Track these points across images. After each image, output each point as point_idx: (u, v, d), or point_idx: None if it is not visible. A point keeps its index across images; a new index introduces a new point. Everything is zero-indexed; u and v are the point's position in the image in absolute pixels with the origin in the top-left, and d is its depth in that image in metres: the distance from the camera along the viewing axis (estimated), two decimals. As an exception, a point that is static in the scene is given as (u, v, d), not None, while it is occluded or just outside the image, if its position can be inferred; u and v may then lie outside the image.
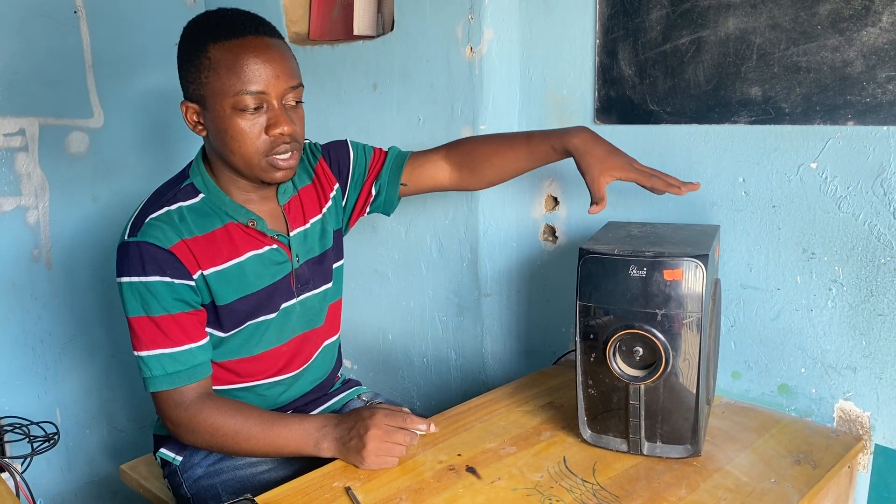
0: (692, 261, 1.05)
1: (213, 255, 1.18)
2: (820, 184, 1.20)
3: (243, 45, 1.10)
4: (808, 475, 1.07)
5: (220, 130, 1.13)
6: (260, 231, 1.22)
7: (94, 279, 2.10)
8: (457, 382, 1.81)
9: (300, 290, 1.29)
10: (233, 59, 1.09)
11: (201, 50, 1.11)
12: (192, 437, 1.17)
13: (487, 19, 1.54)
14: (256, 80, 1.09)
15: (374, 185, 1.39)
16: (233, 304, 1.20)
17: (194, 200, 1.20)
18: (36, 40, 1.92)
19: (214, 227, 1.19)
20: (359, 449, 1.10)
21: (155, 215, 1.15)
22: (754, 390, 1.33)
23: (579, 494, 1.04)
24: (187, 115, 1.17)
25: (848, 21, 1.13)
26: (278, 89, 1.12)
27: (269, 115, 1.12)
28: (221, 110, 1.11)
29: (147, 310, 1.13)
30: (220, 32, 1.10)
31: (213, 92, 1.11)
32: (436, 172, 1.39)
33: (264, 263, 1.23)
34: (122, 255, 1.14)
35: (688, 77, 1.31)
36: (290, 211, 1.28)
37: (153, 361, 1.14)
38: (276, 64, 1.11)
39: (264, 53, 1.10)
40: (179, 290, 1.15)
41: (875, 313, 1.17)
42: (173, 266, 1.14)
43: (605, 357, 1.10)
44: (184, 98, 1.17)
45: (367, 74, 1.80)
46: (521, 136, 1.33)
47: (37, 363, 2.03)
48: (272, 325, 1.26)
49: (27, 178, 1.94)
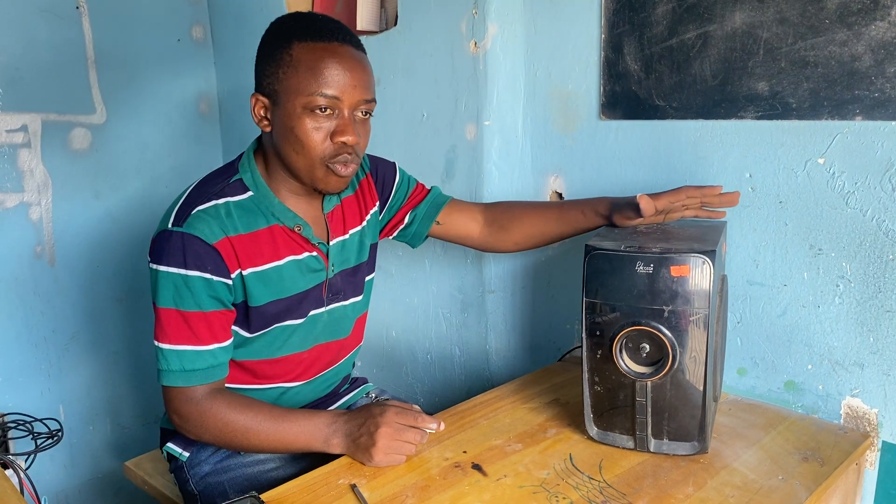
0: (699, 257, 1.04)
1: (254, 255, 1.16)
2: (827, 179, 1.19)
3: (328, 49, 1.11)
4: (816, 472, 1.07)
5: (286, 128, 1.12)
6: (304, 237, 1.21)
7: (98, 275, 2.10)
8: (461, 379, 1.80)
9: (330, 300, 1.28)
10: (315, 60, 1.09)
11: (285, 46, 1.11)
12: (199, 432, 1.15)
13: (491, 14, 1.53)
14: (333, 85, 1.10)
15: (410, 215, 1.40)
16: (264, 307, 1.19)
17: (242, 197, 1.18)
18: (38, 36, 1.92)
19: (259, 226, 1.18)
20: (368, 446, 1.09)
21: (202, 208, 1.13)
22: (761, 387, 1.32)
23: (586, 492, 1.03)
24: (255, 108, 1.16)
25: (856, 15, 1.12)
26: (353, 98, 1.12)
27: (338, 122, 1.12)
28: (293, 108, 1.11)
29: (179, 303, 1.12)
30: (308, 33, 1.11)
31: (288, 88, 1.11)
32: (469, 223, 1.42)
33: (301, 270, 1.22)
34: (164, 243, 1.12)
35: (694, 72, 1.30)
36: (333, 220, 1.27)
37: (173, 356, 1.13)
38: (355, 74, 1.11)
39: (347, 61, 1.11)
40: (216, 287, 1.13)
41: (883, 310, 1.16)
42: (215, 262, 1.12)
43: (612, 354, 1.09)
44: (255, 91, 1.17)
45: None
46: (556, 203, 1.39)
47: (40, 360, 2.03)
48: (298, 331, 1.25)
49: (30, 175, 1.94)
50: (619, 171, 1.45)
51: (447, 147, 1.66)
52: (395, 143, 1.77)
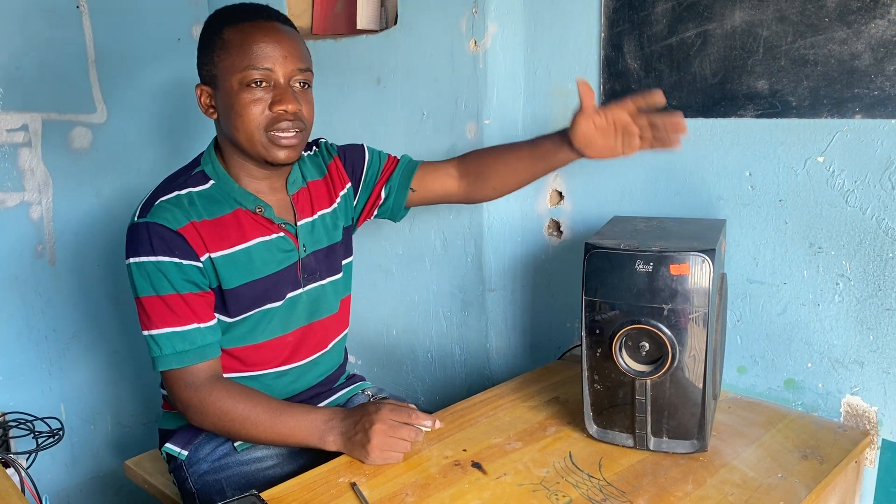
0: (699, 255, 1.04)
1: (220, 238, 1.19)
2: (827, 178, 1.19)
3: (255, 25, 1.16)
4: (816, 470, 1.07)
5: (228, 107, 1.17)
6: (267, 218, 1.24)
7: (99, 274, 2.10)
8: (461, 378, 1.80)
9: (307, 281, 1.29)
10: (243, 38, 1.16)
11: (217, 32, 1.18)
12: (200, 418, 1.17)
13: (491, 13, 1.53)
14: (263, 57, 1.15)
15: (385, 188, 1.41)
16: (239, 289, 1.21)
17: (204, 187, 1.22)
18: (38, 35, 1.91)
19: (223, 212, 1.21)
20: (363, 444, 1.10)
21: (165, 198, 1.18)
22: (761, 385, 1.32)
23: (586, 490, 1.03)
24: (201, 99, 1.22)
25: (856, 13, 1.12)
26: (286, 69, 1.16)
27: (275, 92, 1.16)
28: (230, 87, 1.16)
29: (156, 288, 1.15)
30: (236, 16, 1.18)
31: (224, 70, 1.16)
32: (444, 180, 1.41)
33: (271, 250, 1.24)
34: (132, 236, 1.16)
35: (694, 70, 1.30)
36: (299, 202, 1.29)
37: (163, 339, 1.15)
38: (284, 45, 1.16)
39: (274, 35, 1.16)
40: (188, 270, 1.16)
41: (882, 308, 1.16)
42: (182, 247, 1.15)
43: (612, 352, 1.09)
44: (199, 83, 1.22)
45: (371, 69, 1.80)
46: (526, 141, 1.36)
47: (41, 359, 2.03)
48: (278, 314, 1.27)
49: (30, 174, 1.94)
50: (618, 169, 1.45)
51: (448, 146, 1.66)
52: (396, 142, 1.77)
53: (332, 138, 1.45)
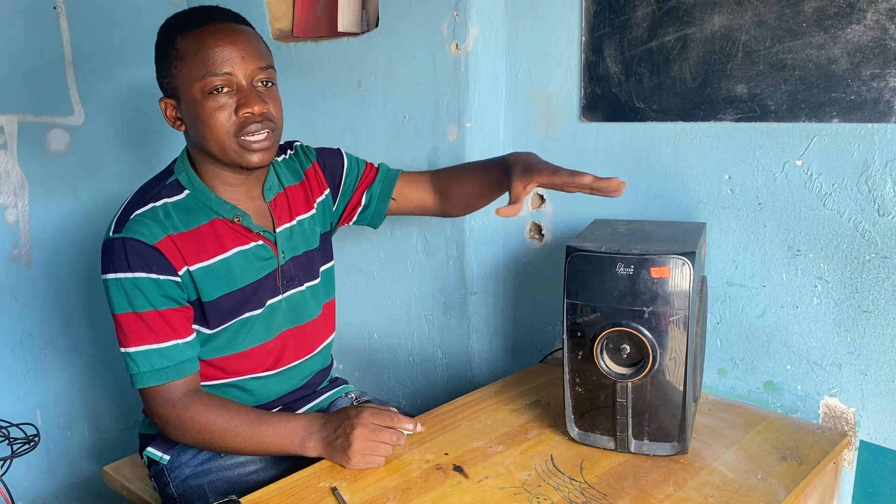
0: (679, 258, 1.05)
1: (198, 250, 1.17)
2: (805, 181, 1.20)
3: (206, 30, 1.13)
4: (795, 471, 1.08)
5: (193, 118, 1.15)
6: (245, 227, 1.22)
7: (76, 279, 2.07)
8: (443, 381, 1.80)
9: (286, 287, 1.28)
10: (198, 45, 1.13)
11: (171, 43, 1.15)
12: (179, 433, 1.16)
13: (473, 16, 1.53)
14: (221, 62, 1.12)
15: (365, 195, 1.40)
16: (218, 301, 1.20)
17: (179, 197, 1.20)
18: (15, 36, 1.89)
19: (200, 223, 1.19)
20: (345, 448, 1.09)
21: (140, 212, 1.15)
22: (740, 387, 1.33)
23: (567, 493, 1.03)
24: (166, 112, 1.19)
25: (833, 19, 1.13)
26: (245, 70, 1.14)
27: (239, 96, 1.14)
28: (193, 97, 1.13)
29: (133, 306, 1.13)
30: (187, 23, 1.16)
31: (184, 80, 1.14)
32: (422, 194, 1.41)
33: (250, 259, 1.23)
34: (108, 252, 1.14)
35: (674, 74, 1.31)
36: (277, 208, 1.28)
37: (140, 357, 1.14)
38: (240, 45, 1.14)
39: (227, 36, 1.13)
40: (165, 286, 1.14)
41: (860, 310, 1.18)
42: (159, 262, 1.13)
43: (593, 355, 1.09)
44: (162, 96, 1.19)
45: (352, 71, 1.79)
46: (479, 163, 1.35)
47: (16, 364, 2.00)
48: (258, 322, 1.25)
49: (6, 177, 1.91)
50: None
51: (429, 149, 1.66)
52: (377, 145, 1.77)
53: (312, 141, 1.44)
